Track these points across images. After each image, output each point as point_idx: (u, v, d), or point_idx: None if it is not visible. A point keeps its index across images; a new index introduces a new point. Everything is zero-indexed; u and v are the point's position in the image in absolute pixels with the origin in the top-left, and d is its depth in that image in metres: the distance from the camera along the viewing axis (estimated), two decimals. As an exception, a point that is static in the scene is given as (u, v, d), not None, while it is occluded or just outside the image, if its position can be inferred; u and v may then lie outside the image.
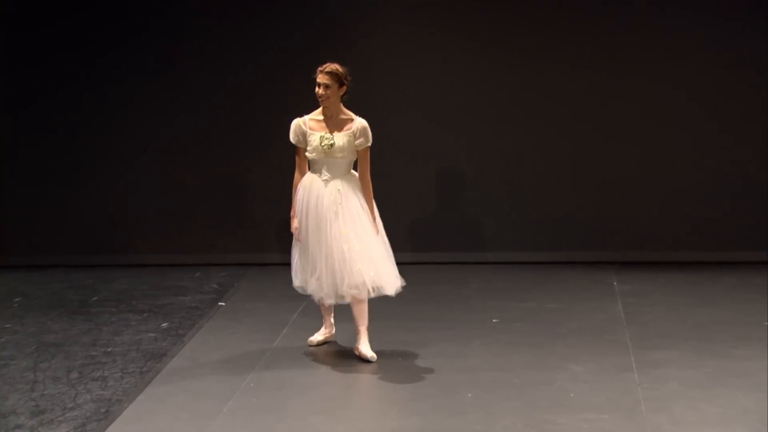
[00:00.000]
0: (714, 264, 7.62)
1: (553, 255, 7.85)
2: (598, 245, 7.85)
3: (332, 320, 6.14)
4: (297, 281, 5.98)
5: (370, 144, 5.82)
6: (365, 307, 5.85)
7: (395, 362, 5.70)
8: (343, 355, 5.86)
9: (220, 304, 6.84)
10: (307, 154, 5.91)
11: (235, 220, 8.04)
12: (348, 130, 5.82)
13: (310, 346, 6.04)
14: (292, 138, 5.94)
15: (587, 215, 7.84)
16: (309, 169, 5.95)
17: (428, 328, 6.20)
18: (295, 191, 5.94)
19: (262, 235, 8.03)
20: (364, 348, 5.84)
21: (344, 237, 5.79)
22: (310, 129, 5.88)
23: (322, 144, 5.82)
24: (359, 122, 5.83)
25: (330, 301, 5.85)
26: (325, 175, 5.85)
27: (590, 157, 7.80)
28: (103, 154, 8.05)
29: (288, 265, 6.03)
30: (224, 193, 8.04)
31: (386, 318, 6.38)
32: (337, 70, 5.81)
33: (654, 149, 7.74)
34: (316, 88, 5.81)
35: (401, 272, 5.94)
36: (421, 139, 7.89)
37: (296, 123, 5.92)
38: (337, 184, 5.85)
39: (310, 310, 6.55)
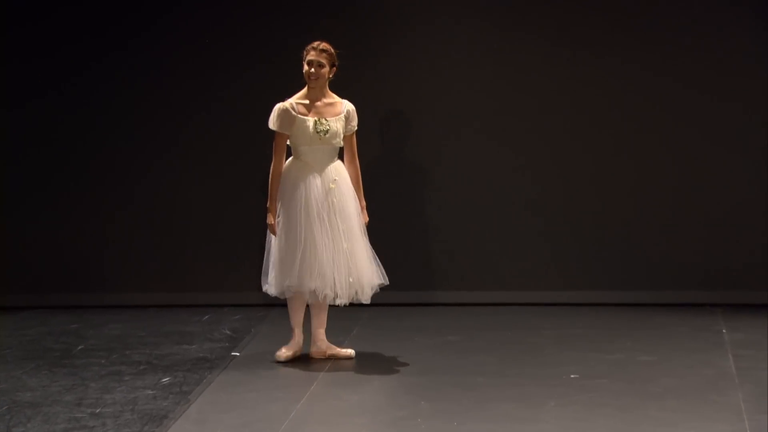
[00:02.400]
0: None
1: (646, 295, 7.86)
2: (703, 284, 7.85)
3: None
4: (276, 285, 6.42)
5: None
6: (326, 310, 6.60)
7: (450, 428, 5.66)
8: (383, 416, 5.82)
9: (233, 354, 6.85)
10: (292, 141, 6.39)
11: (251, 253, 8.07)
12: (339, 114, 6.39)
13: (277, 361, 6.52)
14: (276, 125, 6.39)
15: (688, 248, 7.85)
16: (294, 158, 6.43)
17: (491, 384, 6.16)
18: (274, 181, 6.41)
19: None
20: (336, 350, 6.57)
21: (343, 234, 6.37)
22: (300, 114, 6.35)
23: (318, 130, 6.27)
24: (348, 105, 6.46)
25: (344, 301, 6.42)
26: (319, 163, 6.35)
27: (691, 181, 7.86)
28: (92, 174, 8.16)
29: None
30: (237, 221, 8.10)
31: (438, 371, 6.35)
32: (331, 49, 6.39)
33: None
34: (307, 67, 6.35)
35: (463, 315, 6.06)
36: (479, 160, 7.98)
37: (284, 108, 6.38)
38: (332, 173, 6.39)
39: (347, 360, 6.55)
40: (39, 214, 8.16)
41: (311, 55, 6.39)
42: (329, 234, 6.40)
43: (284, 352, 6.60)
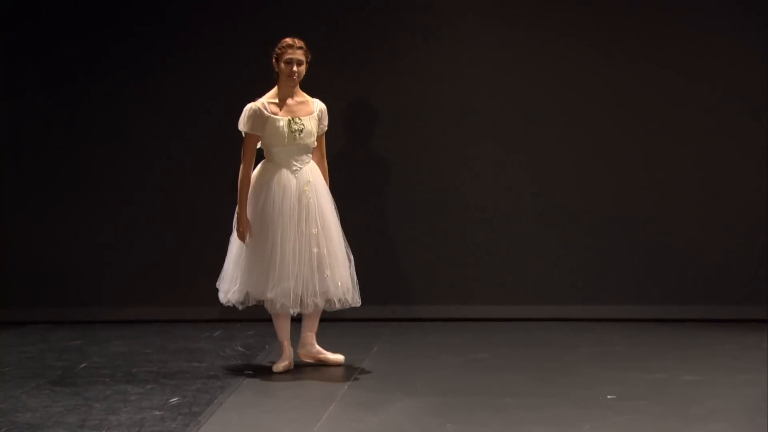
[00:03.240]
0: None
1: (689, 310, 7.87)
2: (750, 298, 7.83)
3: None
4: (237, 291, 6.57)
5: None
6: (319, 315, 6.74)
7: (478, 452, 5.68)
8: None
9: (246, 372, 6.87)
10: (264, 143, 6.54)
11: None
12: (311, 113, 6.56)
13: (276, 372, 6.68)
14: (247, 126, 6.54)
15: (734, 260, 7.86)
16: (267, 161, 6.58)
17: (522, 406, 6.15)
18: (245, 187, 6.55)
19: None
20: (326, 354, 6.79)
21: (314, 238, 6.48)
22: (273, 114, 6.50)
23: (293, 129, 6.42)
24: (320, 104, 6.63)
25: (294, 309, 6.63)
26: (294, 165, 6.51)
27: (737, 190, 7.88)
28: (94, 181, 8.20)
29: (334, 320, 6.04)
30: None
31: (464, 391, 6.35)
32: (305, 45, 6.57)
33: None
34: (286, 66, 6.49)
35: (491, 331, 6.07)
36: (506, 169, 8.02)
37: (255, 108, 6.52)
38: (307, 175, 6.55)
39: (367, 379, 6.54)
40: (38, 223, 8.20)
41: (290, 54, 6.53)
42: (299, 240, 6.53)
43: (278, 365, 6.75)
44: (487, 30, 7.97)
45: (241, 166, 6.61)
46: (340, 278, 6.62)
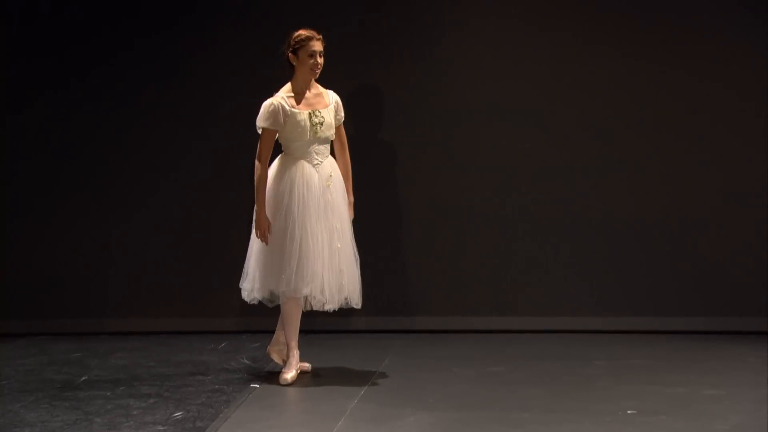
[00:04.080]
0: None
1: (712, 322, 7.86)
2: (772, 309, 7.82)
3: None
4: (262, 289, 6.60)
5: None
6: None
7: (493, 469, 5.64)
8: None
9: (252, 386, 6.85)
10: (284, 137, 6.57)
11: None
12: (328, 105, 6.62)
13: (284, 385, 6.68)
14: (267, 122, 6.55)
15: (758, 271, 7.84)
16: (286, 155, 6.62)
17: (537, 421, 6.12)
18: (263, 184, 6.54)
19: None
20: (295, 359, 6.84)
21: (337, 233, 6.59)
22: (293, 108, 6.55)
23: (314, 123, 6.49)
24: (333, 94, 6.69)
25: (333, 306, 6.64)
26: (315, 159, 6.56)
27: (762, 197, 7.86)
28: (94, 190, 8.22)
29: (345, 332, 5.99)
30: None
31: (478, 406, 6.32)
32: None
33: None
34: (311, 58, 6.53)
35: (496, 342, 5.99)
36: (522, 175, 8.02)
37: (276, 104, 6.56)
38: (328, 169, 6.62)
39: (378, 392, 6.52)
40: (38, 232, 8.20)
41: (315, 46, 6.56)
42: (325, 234, 6.58)
43: (287, 375, 6.76)
44: (497, 32, 7.97)
45: (258, 164, 6.60)
46: (351, 276, 6.68)
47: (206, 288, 8.17)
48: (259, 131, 6.66)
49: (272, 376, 7.04)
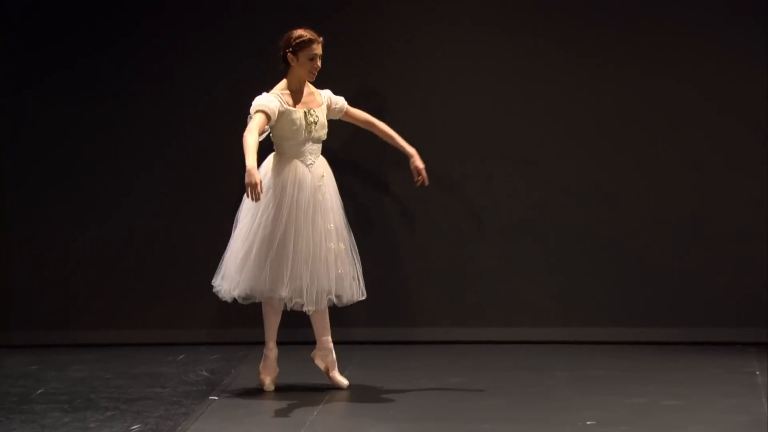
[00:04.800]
0: None
1: (672, 333, 7.89)
2: (735, 321, 7.87)
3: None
4: (241, 287, 6.60)
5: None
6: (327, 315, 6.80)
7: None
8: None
9: (211, 398, 6.84)
10: (277, 135, 6.56)
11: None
12: (321, 105, 6.62)
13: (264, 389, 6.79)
14: (263, 106, 6.45)
15: (719, 281, 7.89)
16: (278, 154, 6.60)
17: (500, 431, 6.16)
18: (251, 140, 6.35)
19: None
20: (339, 376, 6.85)
21: (329, 234, 6.56)
22: (288, 106, 6.54)
23: (308, 122, 6.49)
24: (324, 92, 6.70)
25: (311, 308, 6.65)
26: (308, 158, 6.56)
27: (723, 210, 7.91)
28: (53, 199, 8.16)
29: (304, 343, 5.93)
30: (215, 252, 8.07)
31: (440, 417, 6.34)
32: None
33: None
34: (311, 62, 6.54)
35: (456, 353, 6.01)
36: (489, 184, 8.01)
37: (273, 96, 6.54)
38: (320, 169, 6.61)
39: (338, 404, 6.55)
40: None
41: (317, 49, 6.58)
42: (315, 236, 6.59)
43: (264, 380, 6.83)
44: (483, 37, 7.96)
45: (247, 133, 6.40)
46: (349, 274, 6.71)
47: (165, 300, 8.15)
48: (251, 114, 6.53)
49: (231, 387, 7.04)
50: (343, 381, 6.87)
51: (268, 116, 6.52)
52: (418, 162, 6.79)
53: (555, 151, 7.99)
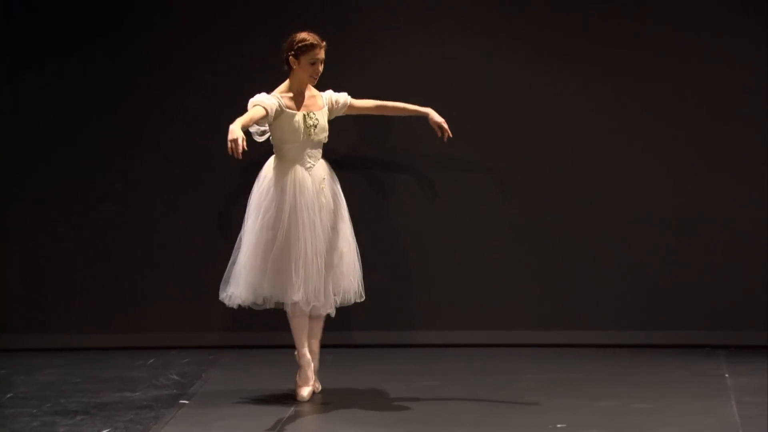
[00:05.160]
0: None
1: (642, 336, 7.93)
2: (704, 324, 7.92)
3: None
4: (246, 293, 6.58)
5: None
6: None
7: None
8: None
9: (181, 402, 6.84)
10: (277, 137, 6.56)
11: (200, 291, 8.07)
12: (322, 107, 6.61)
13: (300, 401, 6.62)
14: (262, 102, 6.46)
15: (688, 284, 7.93)
16: (278, 157, 6.60)
17: (469, 436, 6.18)
18: (243, 115, 6.38)
19: (239, 308, 8.06)
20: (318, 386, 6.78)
21: (334, 235, 6.60)
22: (288, 108, 6.55)
23: (308, 125, 6.49)
24: (324, 94, 6.69)
25: (329, 311, 6.65)
26: (308, 161, 6.55)
27: (690, 211, 7.94)
28: (22, 201, 8.12)
29: (275, 347, 5.92)
30: (185, 256, 8.10)
31: (411, 421, 6.36)
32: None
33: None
34: (312, 67, 6.54)
35: (430, 357, 6.01)
36: (460, 186, 8.03)
37: (273, 97, 6.53)
38: (320, 172, 6.60)
39: (308, 408, 6.56)
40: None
41: (319, 54, 6.57)
42: (320, 239, 6.58)
43: (303, 391, 6.69)
44: (471, 39, 7.97)
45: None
46: (351, 275, 6.71)
47: (135, 304, 8.13)
48: (248, 108, 6.52)
49: (202, 391, 7.03)
50: (311, 390, 6.79)
51: (265, 111, 6.49)
52: (437, 117, 6.77)
53: (522, 156, 8.02)
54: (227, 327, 8.08)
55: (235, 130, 6.24)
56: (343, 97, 6.76)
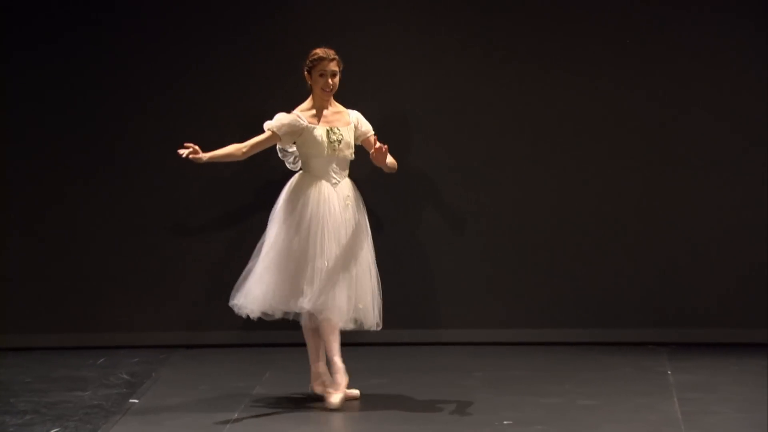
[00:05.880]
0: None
1: (586, 334, 7.98)
2: (647, 321, 7.99)
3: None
4: (257, 301, 6.53)
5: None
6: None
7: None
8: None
9: (131, 401, 6.82)
10: (303, 153, 6.57)
11: (153, 287, 8.05)
12: (348, 124, 6.61)
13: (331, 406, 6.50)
14: (279, 128, 6.51)
15: (632, 283, 8.00)
16: (305, 172, 6.59)
17: (417, 433, 6.21)
18: (227, 149, 6.46)
19: (190, 306, 8.06)
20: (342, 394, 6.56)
21: (354, 253, 6.55)
22: (309, 123, 6.55)
23: (331, 140, 6.50)
24: (353, 112, 6.70)
25: (342, 321, 6.57)
26: (333, 177, 6.56)
27: (633, 210, 8.00)
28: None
29: (225, 346, 5.92)
30: (135, 255, 8.08)
31: (359, 419, 6.39)
32: (337, 55, 6.62)
33: (721, 201, 7.95)
34: (322, 79, 6.53)
35: (378, 355, 6.05)
36: (411, 186, 8.03)
37: (292, 117, 6.56)
38: (345, 190, 6.60)
39: (257, 407, 6.56)
40: None
41: (324, 66, 6.56)
42: (343, 254, 6.56)
43: (333, 399, 6.54)
44: (462, 41, 7.99)
45: (237, 144, 6.49)
46: (368, 296, 6.66)
47: (85, 303, 8.10)
48: (265, 131, 6.56)
49: (152, 390, 7.02)
50: (355, 392, 6.73)
51: (277, 138, 6.54)
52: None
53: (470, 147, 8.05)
54: (177, 327, 8.07)
55: (203, 156, 6.37)
56: (367, 127, 6.71)
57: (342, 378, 6.56)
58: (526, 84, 7.99)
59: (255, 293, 6.62)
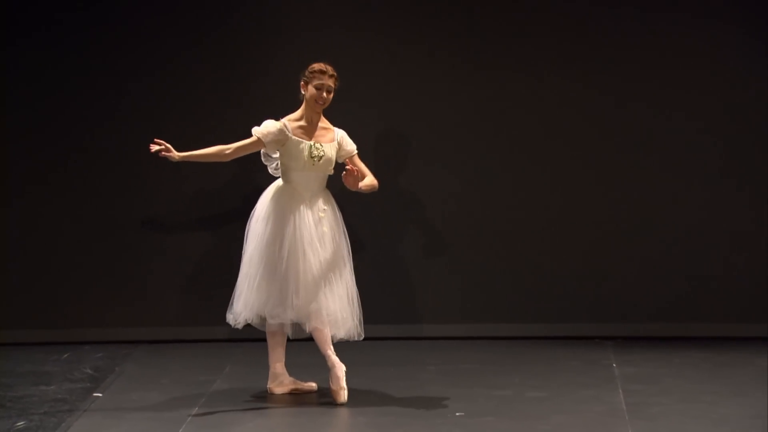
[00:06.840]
0: (743, 340, 7.87)
1: (535, 328, 8.05)
2: (593, 316, 8.08)
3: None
4: (250, 313, 6.56)
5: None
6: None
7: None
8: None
9: (95, 395, 6.85)
10: (283, 163, 6.54)
11: (117, 284, 8.06)
12: (332, 141, 6.59)
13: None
14: (262, 133, 6.49)
15: (578, 279, 8.07)
16: (284, 182, 6.56)
17: (372, 424, 6.25)
18: (209, 150, 6.46)
19: (152, 302, 8.07)
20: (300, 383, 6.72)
21: (330, 265, 6.53)
22: (294, 136, 6.53)
23: (312, 155, 6.49)
24: (340, 131, 6.68)
25: (320, 325, 6.57)
26: (309, 190, 6.52)
27: (582, 208, 8.08)
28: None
29: (186, 341, 5.93)
30: (99, 250, 8.09)
31: (315, 411, 6.47)
32: (336, 73, 6.62)
33: (664, 200, 8.03)
34: (316, 92, 6.56)
35: (342, 350, 6.42)
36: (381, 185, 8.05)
37: (279, 126, 6.55)
38: (320, 204, 6.57)
39: (218, 399, 6.61)
40: None
41: (321, 80, 6.56)
42: (313, 264, 6.55)
43: (340, 399, 6.60)
44: (455, 42, 8.01)
45: (220, 146, 6.50)
46: (345, 306, 6.68)
47: (50, 299, 8.10)
48: (252, 136, 6.56)
49: (115, 384, 7.03)
50: (311, 384, 6.85)
51: (261, 145, 6.55)
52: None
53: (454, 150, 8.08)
54: (141, 322, 8.07)
55: (175, 154, 6.38)
56: (351, 147, 6.70)
57: (340, 371, 6.62)
58: (513, 90, 8.01)
59: (238, 303, 6.68)
